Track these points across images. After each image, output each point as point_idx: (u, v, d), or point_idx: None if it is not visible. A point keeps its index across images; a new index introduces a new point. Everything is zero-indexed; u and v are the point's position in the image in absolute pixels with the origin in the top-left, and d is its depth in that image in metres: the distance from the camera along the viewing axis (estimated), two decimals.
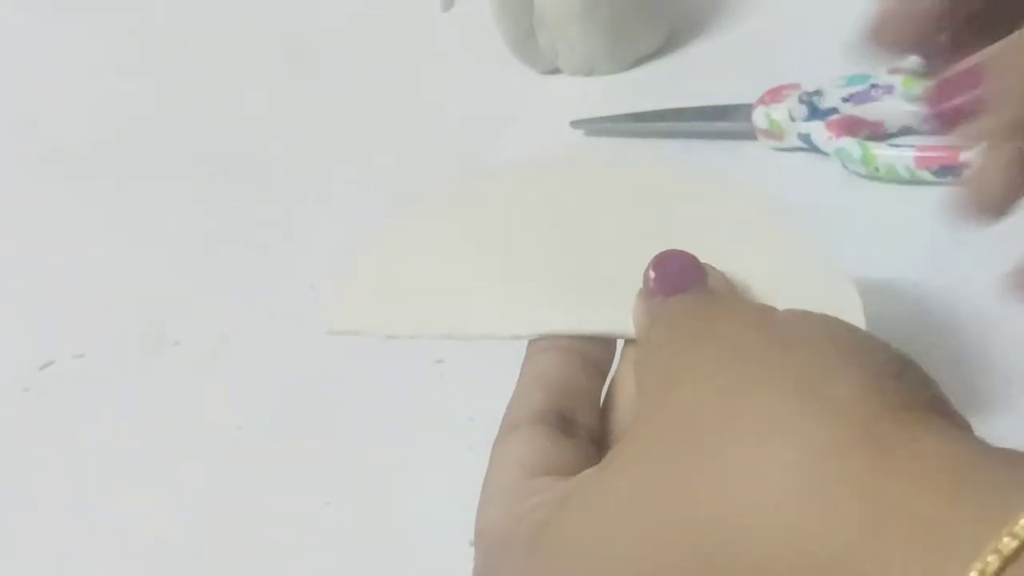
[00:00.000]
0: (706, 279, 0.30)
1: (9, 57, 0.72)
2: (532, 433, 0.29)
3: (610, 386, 0.32)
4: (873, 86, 0.50)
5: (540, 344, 0.32)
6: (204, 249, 0.52)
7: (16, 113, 0.67)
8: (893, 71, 0.51)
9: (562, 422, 0.30)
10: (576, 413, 0.30)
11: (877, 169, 0.46)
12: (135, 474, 0.41)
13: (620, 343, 0.32)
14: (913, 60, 0.51)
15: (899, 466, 0.21)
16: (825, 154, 0.48)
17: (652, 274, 0.31)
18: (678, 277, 0.30)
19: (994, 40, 0.29)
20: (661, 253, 0.31)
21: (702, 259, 0.31)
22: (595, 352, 0.32)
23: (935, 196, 0.45)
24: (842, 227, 0.45)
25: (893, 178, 0.46)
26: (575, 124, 0.54)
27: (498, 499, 0.29)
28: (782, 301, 0.30)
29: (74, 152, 0.61)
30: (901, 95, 0.49)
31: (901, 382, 0.24)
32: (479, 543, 0.29)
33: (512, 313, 0.32)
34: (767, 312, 0.27)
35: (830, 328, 0.25)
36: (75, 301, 0.50)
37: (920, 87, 0.49)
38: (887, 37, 0.32)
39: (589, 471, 0.27)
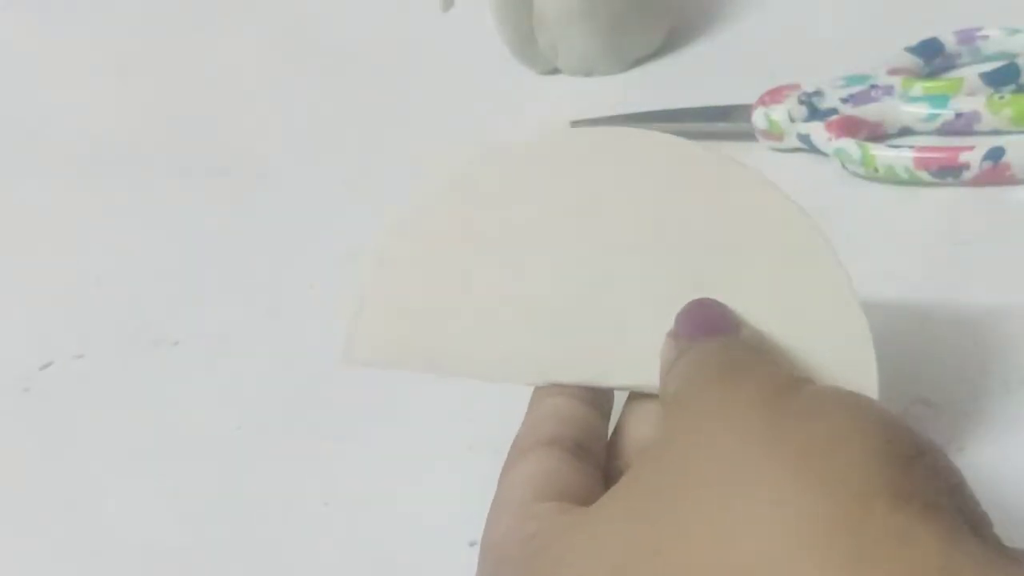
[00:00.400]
0: (739, 331, 0.30)
1: (9, 57, 0.72)
2: (545, 454, 0.29)
3: (615, 431, 0.32)
4: (872, 87, 0.50)
5: (546, 388, 0.32)
6: (204, 249, 0.52)
7: (16, 113, 0.67)
8: (893, 72, 0.51)
9: (575, 447, 0.30)
10: (587, 443, 0.30)
11: (876, 170, 0.46)
12: (135, 474, 0.41)
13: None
14: (912, 60, 0.51)
15: (882, 554, 0.20)
16: (825, 155, 0.48)
17: (683, 320, 0.30)
18: (710, 326, 0.30)
19: None
20: (694, 302, 0.31)
21: (719, 284, 0.31)
22: (598, 396, 0.32)
23: (934, 197, 0.45)
24: (842, 227, 0.45)
25: (892, 179, 0.46)
26: (575, 124, 0.54)
27: (506, 516, 0.29)
28: (792, 331, 0.30)
29: (74, 152, 0.61)
30: (900, 96, 0.49)
31: (912, 467, 0.22)
32: (484, 556, 0.29)
33: (527, 363, 0.32)
34: (796, 382, 0.26)
35: (853, 406, 0.25)
36: (75, 301, 0.50)
37: (920, 87, 0.49)
38: None
39: (588, 508, 0.27)
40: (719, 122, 0.51)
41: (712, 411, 0.25)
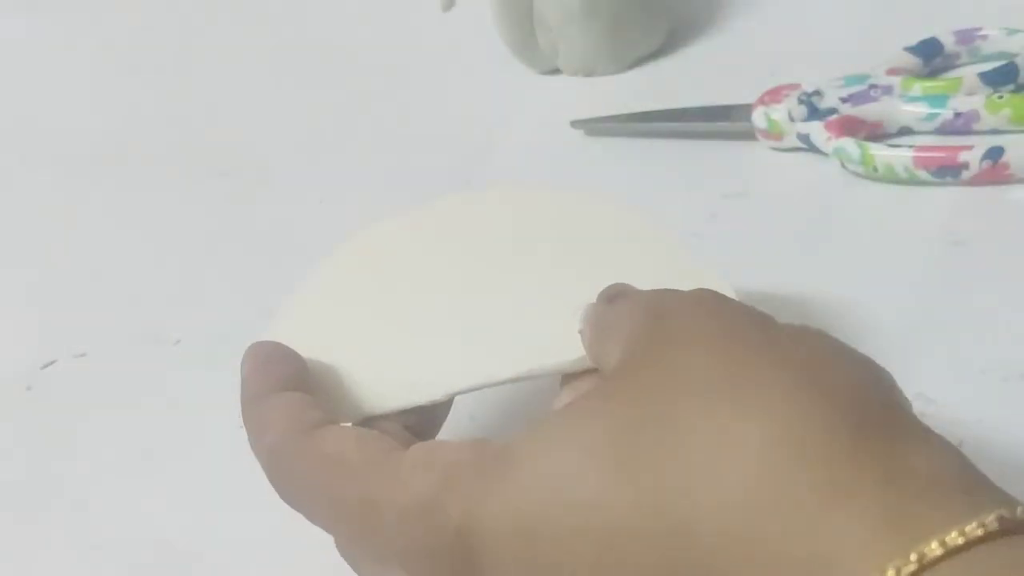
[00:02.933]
0: None
1: (9, 57, 0.73)
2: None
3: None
4: (872, 86, 0.50)
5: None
6: (204, 249, 0.52)
7: (16, 113, 0.67)
8: (892, 71, 0.51)
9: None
10: None
11: (876, 169, 0.46)
12: (136, 473, 0.41)
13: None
14: (912, 60, 0.51)
15: (880, 451, 0.22)
16: (824, 154, 0.48)
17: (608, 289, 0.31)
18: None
19: None
20: (612, 285, 0.31)
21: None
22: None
23: (934, 196, 0.45)
24: (842, 227, 0.45)
25: (892, 178, 0.46)
26: (575, 124, 0.54)
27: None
28: None
29: (75, 152, 0.61)
30: (900, 95, 0.49)
31: (881, 384, 0.25)
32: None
33: (424, 378, 0.33)
34: (767, 314, 0.27)
35: (826, 335, 0.26)
36: (76, 301, 0.50)
37: (919, 87, 0.50)
38: None
39: (543, 421, 0.26)
40: (719, 122, 0.51)
41: (705, 323, 0.26)
